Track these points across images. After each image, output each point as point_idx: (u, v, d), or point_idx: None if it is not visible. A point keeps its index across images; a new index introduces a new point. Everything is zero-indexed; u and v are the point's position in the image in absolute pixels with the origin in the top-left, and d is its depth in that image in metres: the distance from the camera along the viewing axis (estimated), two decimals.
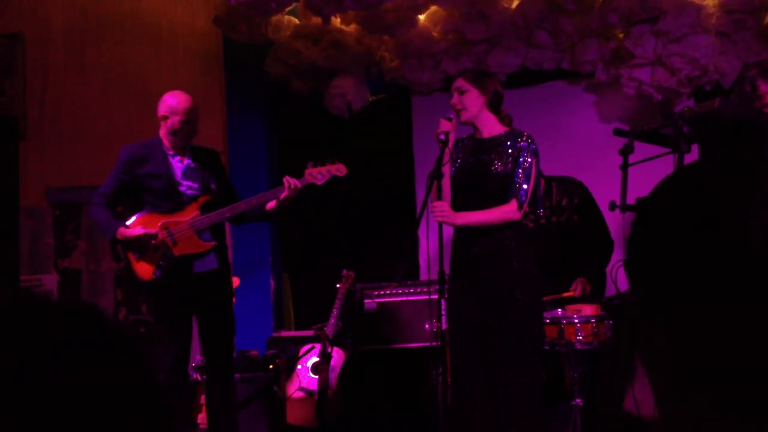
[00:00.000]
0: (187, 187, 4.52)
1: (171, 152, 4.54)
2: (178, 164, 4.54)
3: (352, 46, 6.12)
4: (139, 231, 4.42)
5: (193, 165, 4.56)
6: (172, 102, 4.51)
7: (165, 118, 4.51)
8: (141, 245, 4.44)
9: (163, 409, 0.81)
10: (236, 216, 4.58)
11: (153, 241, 4.42)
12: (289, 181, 4.44)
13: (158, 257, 4.44)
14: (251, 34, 6.18)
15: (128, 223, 4.48)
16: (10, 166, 6.63)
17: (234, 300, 4.96)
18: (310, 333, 5.73)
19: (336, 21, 6.10)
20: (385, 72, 6.23)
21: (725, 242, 0.78)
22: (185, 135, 4.51)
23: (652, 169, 3.76)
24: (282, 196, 4.47)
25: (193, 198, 4.51)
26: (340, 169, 4.58)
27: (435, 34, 6.03)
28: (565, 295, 4.89)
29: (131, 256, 4.51)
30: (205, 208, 4.50)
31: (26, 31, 6.74)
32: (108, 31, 6.67)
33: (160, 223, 4.45)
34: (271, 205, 4.56)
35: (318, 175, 4.54)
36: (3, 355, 0.75)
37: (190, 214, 4.48)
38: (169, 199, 4.49)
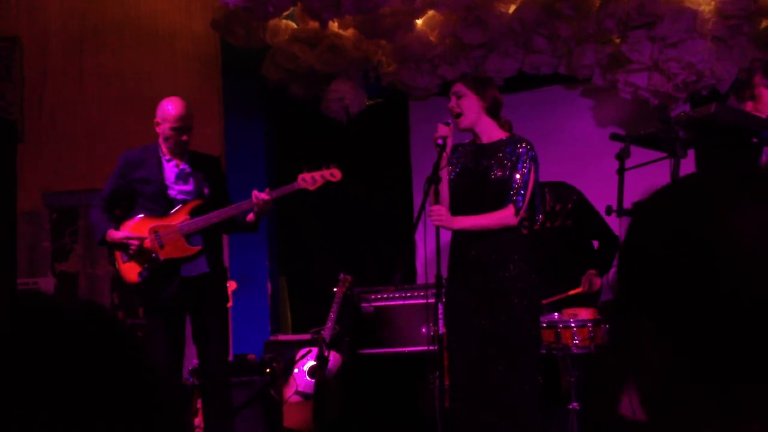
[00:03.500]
0: (178, 191, 4.53)
1: (167, 157, 4.54)
2: (173, 169, 4.54)
3: (349, 50, 6.13)
4: (124, 234, 4.44)
5: (188, 170, 4.55)
6: (165, 108, 4.52)
7: (158, 123, 4.54)
8: (128, 248, 4.45)
9: (163, 405, 0.82)
10: (225, 222, 4.55)
11: (133, 246, 4.42)
12: (257, 196, 4.41)
13: (144, 260, 4.45)
14: (249, 38, 6.18)
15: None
16: (7, 170, 6.64)
17: (230, 304, 4.95)
18: (307, 337, 5.72)
19: (333, 25, 6.11)
20: (382, 76, 6.24)
21: (717, 249, 0.79)
22: (177, 141, 4.50)
23: (648, 174, 3.78)
24: (255, 208, 4.44)
25: (184, 202, 4.52)
26: (334, 174, 4.53)
27: (432, 39, 6.05)
28: (572, 293, 4.89)
29: (119, 258, 4.52)
30: (196, 213, 4.49)
31: (24, 36, 6.75)
32: (105, 36, 6.67)
33: (149, 227, 4.47)
34: (251, 216, 4.55)
35: (311, 180, 4.51)
36: (9, 352, 0.76)
37: (179, 218, 4.48)
38: (160, 203, 4.50)
